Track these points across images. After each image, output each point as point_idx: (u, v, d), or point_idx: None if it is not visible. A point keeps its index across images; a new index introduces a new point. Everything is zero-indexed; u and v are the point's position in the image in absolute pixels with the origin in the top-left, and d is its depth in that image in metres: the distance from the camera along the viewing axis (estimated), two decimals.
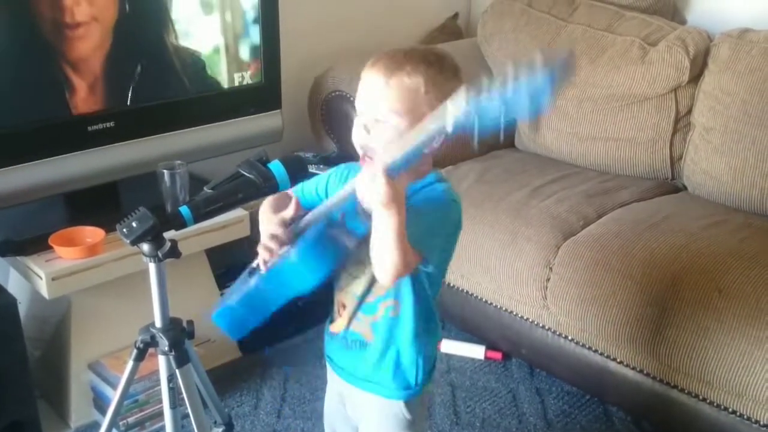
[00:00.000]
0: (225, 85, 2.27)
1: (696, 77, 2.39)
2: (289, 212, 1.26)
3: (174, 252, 1.22)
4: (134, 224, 1.18)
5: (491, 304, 2.26)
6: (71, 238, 1.93)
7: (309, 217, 1.26)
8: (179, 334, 1.30)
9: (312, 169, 2.48)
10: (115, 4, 1.98)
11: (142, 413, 2.02)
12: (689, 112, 2.43)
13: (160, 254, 1.21)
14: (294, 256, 1.19)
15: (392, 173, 1.06)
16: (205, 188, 1.24)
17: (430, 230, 1.24)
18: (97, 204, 2.07)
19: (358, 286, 1.32)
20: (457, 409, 2.17)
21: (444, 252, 1.32)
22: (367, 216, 1.13)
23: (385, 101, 1.22)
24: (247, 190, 1.23)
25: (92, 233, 1.95)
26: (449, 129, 0.98)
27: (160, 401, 2.01)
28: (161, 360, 1.31)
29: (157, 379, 1.97)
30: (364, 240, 1.17)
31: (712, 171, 2.33)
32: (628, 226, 2.12)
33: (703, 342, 1.82)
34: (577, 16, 2.62)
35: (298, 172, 1.26)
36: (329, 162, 2.52)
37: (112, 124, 2.05)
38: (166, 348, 1.28)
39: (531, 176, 2.45)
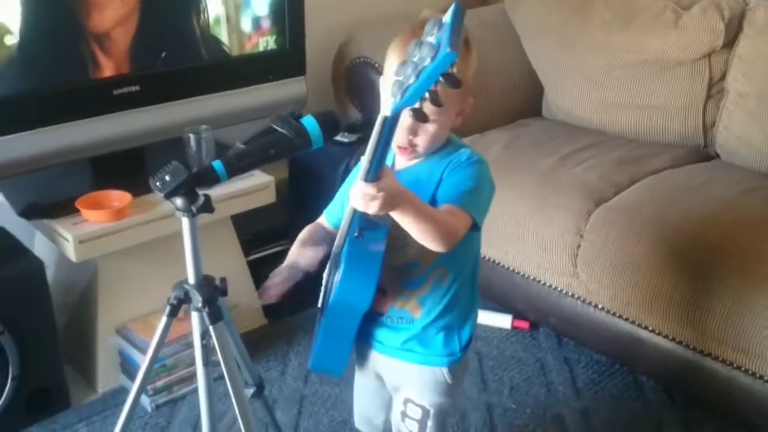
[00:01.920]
0: (249, 50, 2.24)
1: (730, 42, 2.33)
2: (308, 265, 1.31)
3: (208, 206, 1.19)
4: (167, 177, 1.16)
5: (519, 273, 2.23)
6: (98, 201, 1.92)
7: (336, 242, 1.29)
8: (213, 290, 1.28)
9: (338, 136, 2.48)
10: None
11: (170, 377, 2.01)
12: (723, 77, 2.37)
13: (194, 209, 1.18)
14: (340, 280, 1.24)
15: (374, 177, 1.05)
16: (237, 143, 1.21)
17: (475, 195, 1.24)
18: (123, 169, 2.05)
19: (398, 258, 1.29)
20: (485, 377, 2.15)
21: (486, 213, 1.31)
22: (381, 217, 1.14)
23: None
24: (280, 145, 1.20)
25: (119, 197, 1.94)
26: (387, 113, 0.97)
27: (188, 365, 2.04)
28: (194, 317, 1.29)
29: (185, 342, 2.00)
30: (393, 225, 1.18)
31: (746, 137, 2.28)
32: (661, 193, 2.08)
33: (739, 308, 1.78)
34: None
35: (331, 129, 1.22)
36: (355, 129, 2.51)
37: (137, 88, 2.03)
38: (200, 304, 1.26)
39: (559, 144, 2.40)
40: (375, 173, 1.05)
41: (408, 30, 1.24)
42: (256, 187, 2.13)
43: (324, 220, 1.44)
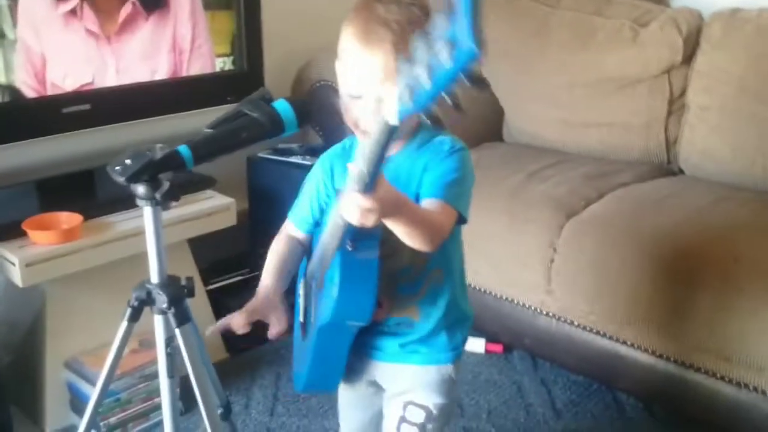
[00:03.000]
0: (207, 69, 2.16)
1: (688, 58, 2.34)
2: (273, 329, 1.23)
3: (174, 194, 1.09)
4: (128, 161, 1.06)
5: (491, 293, 2.16)
6: (47, 223, 1.79)
7: (321, 259, 1.21)
8: (179, 290, 1.17)
9: (297, 159, 2.40)
10: None
11: (124, 413, 1.87)
12: (683, 93, 2.37)
13: (157, 196, 1.08)
14: (336, 296, 1.13)
15: (370, 187, 0.96)
16: (204, 128, 1.13)
17: (460, 187, 1.19)
18: (73, 191, 1.94)
19: (391, 265, 1.21)
20: (461, 402, 2.05)
21: (470, 203, 1.25)
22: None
23: (379, 74, 1.11)
24: (252, 129, 1.12)
25: (69, 219, 1.81)
26: (394, 122, 0.86)
27: (144, 400, 1.90)
28: (158, 321, 1.18)
29: (140, 375, 1.86)
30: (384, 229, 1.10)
31: (710, 150, 2.28)
32: (632, 204, 2.05)
33: (723, 314, 1.73)
34: (565, 2, 2.57)
35: (304, 113, 1.15)
36: (315, 153, 2.43)
37: (88, 106, 1.93)
38: (165, 305, 1.15)
39: (526, 162, 2.37)
40: (373, 182, 0.96)
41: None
42: (215, 208, 2.03)
43: (292, 227, 1.36)
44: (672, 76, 2.36)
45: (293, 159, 2.36)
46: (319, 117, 2.52)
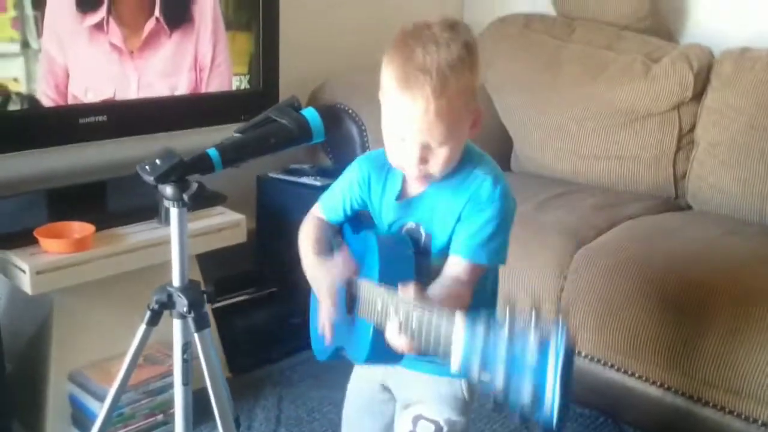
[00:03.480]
0: (224, 88, 2.18)
1: (699, 94, 2.37)
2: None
3: (202, 195, 1.09)
4: (158, 161, 1.06)
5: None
6: (58, 232, 1.78)
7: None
8: (199, 294, 1.16)
9: (308, 180, 2.41)
10: None
11: (126, 429, 1.83)
12: (692, 129, 2.40)
13: (185, 197, 1.08)
14: (369, 345, 1.14)
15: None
16: (233, 132, 1.13)
17: (497, 239, 1.18)
18: (85, 202, 1.93)
19: None
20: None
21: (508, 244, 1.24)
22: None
23: (440, 130, 1.11)
24: (280, 135, 1.13)
25: (80, 228, 1.81)
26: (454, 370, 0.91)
27: (147, 416, 1.88)
28: (176, 325, 1.17)
29: (144, 390, 1.84)
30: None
31: (719, 185, 2.29)
32: (642, 235, 2.05)
33: (732, 345, 1.73)
34: (576, 36, 2.61)
35: (333, 123, 1.15)
36: (326, 174, 2.44)
37: (104, 118, 1.94)
38: (185, 309, 1.14)
39: (535, 192, 2.37)
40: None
41: (405, 38, 1.13)
42: (226, 224, 2.02)
43: (320, 212, 1.34)
44: (682, 111, 2.39)
45: (304, 179, 2.35)
46: (330, 138, 2.54)
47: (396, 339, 1.02)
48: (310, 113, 1.15)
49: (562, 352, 0.79)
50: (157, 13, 1.94)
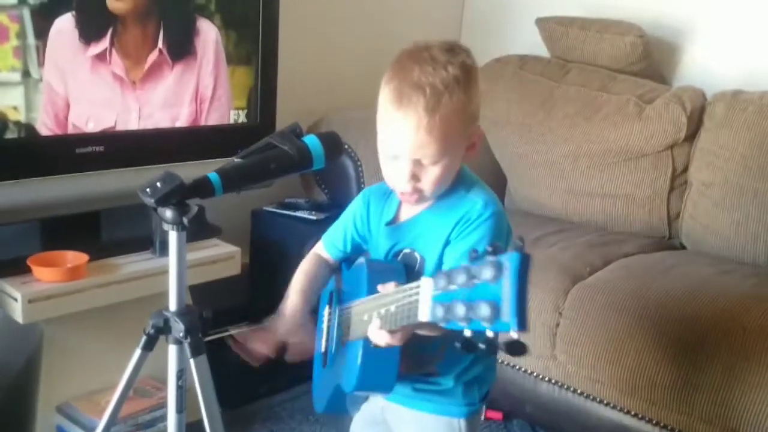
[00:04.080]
0: (223, 121, 2.19)
1: (691, 135, 2.40)
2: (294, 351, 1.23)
3: (202, 219, 1.09)
4: (159, 184, 1.06)
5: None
6: (52, 261, 1.77)
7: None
8: (196, 319, 1.15)
9: (303, 214, 2.40)
10: None
11: None
12: (685, 170, 2.42)
13: (185, 220, 1.08)
14: (358, 371, 1.14)
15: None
16: (234, 158, 1.13)
17: None
18: (78, 232, 1.92)
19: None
20: None
21: None
22: None
23: (433, 147, 1.11)
24: (280, 161, 1.13)
25: (74, 257, 1.79)
26: (423, 319, 0.92)
27: None
28: (172, 351, 1.15)
29: (134, 423, 1.81)
30: None
31: (713, 225, 2.30)
32: (638, 272, 2.05)
33: (729, 383, 1.72)
34: (570, 78, 2.64)
35: (334, 150, 1.16)
36: (321, 209, 2.44)
37: (101, 148, 1.94)
38: (181, 334, 1.13)
39: (529, 229, 2.38)
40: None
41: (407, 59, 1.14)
42: (220, 256, 2.02)
43: (323, 251, 1.34)
44: (675, 152, 2.41)
45: (299, 213, 2.35)
46: (326, 174, 2.55)
47: (377, 336, 1.03)
48: (311, 140, 1.16)
49: (517, 260, 0.80)
50: (160, 44, 1.96)
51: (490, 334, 0.83)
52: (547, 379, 2.04)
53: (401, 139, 1.12)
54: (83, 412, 1.80)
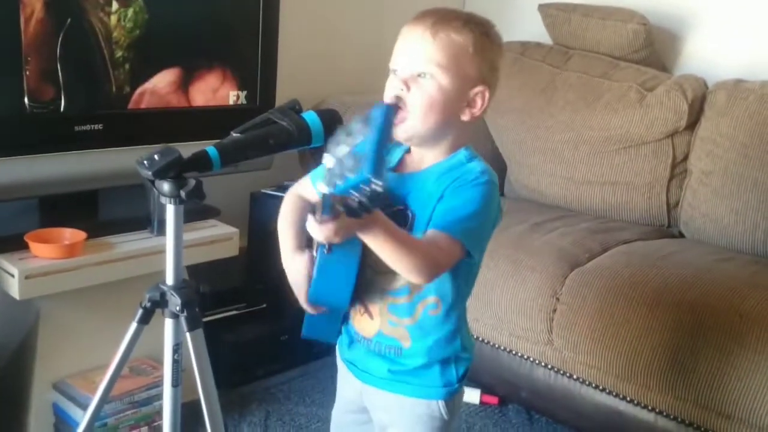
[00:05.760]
0: (222, 102, 2.18)
1: (692, 124, 2.39)
2: None
3: (199, 192, 1.08)
4: (156, 157, 1.06)
5: (488, 343, 2.14)
6: (49, 237, 1.76)
7: None
8: (193, 293, 1.15)
9: None
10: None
11: None
12: (685, 158, 2.42)
13: (182, 194, 1.07)
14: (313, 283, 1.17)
15: (329, 213, 0.98)
16: (232, 132, 1.13)
17: (474, 221, 1.15)
18: (75, 210, 1.92)
19: (385, 283, 1.20)
20: None
21: (487, 240, 1.23)
22: None
23: (430, 54, 1.16)
24: (279, 136, 1.12)
25: (72, 235, 1.79)
26: (329, 191, 0.93)
27: (131, 428, 1.84)
28: (168, 325, 1.15)
29: (129, 401, 1.81)
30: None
31: (712, 214, 2.30)
32: (636, 258, 2.05)
33: (725, 368, 1.73)
34: (572, 64, 2.63)
35: (333, 127, 1.15)
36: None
37: (100, 126, 1.93)
38: (178, 308, 1.12)
39: (529, 214, 2.38)
40: (330, 209, 0.97)
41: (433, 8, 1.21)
42: (218, 237, 2.01)
43: (308, 187, 1.32)
44: (675, 140, 2.40)
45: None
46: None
47: (312, 229, 1.02)
48: (310, 116, 1.16)
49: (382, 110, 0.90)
50: None
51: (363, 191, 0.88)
52: (543, 364, 2.04)
53: (402, 49, 1.18)
54: (79, 389, 1.80)
